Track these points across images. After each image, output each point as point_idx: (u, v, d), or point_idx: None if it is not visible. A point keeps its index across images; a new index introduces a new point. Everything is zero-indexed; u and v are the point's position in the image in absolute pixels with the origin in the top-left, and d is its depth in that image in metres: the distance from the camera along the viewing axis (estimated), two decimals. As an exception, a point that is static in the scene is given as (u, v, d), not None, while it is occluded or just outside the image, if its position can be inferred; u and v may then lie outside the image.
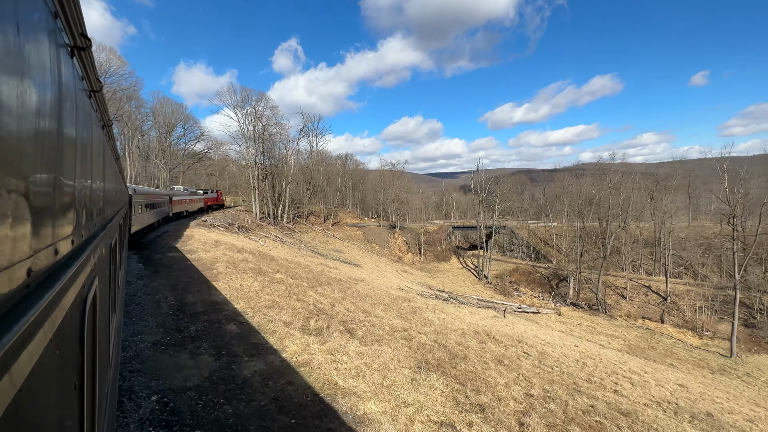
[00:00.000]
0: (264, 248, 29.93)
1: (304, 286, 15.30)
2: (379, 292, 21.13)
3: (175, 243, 18.95)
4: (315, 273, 20.47)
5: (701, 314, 35.43)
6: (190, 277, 12.32)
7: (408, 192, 76.74)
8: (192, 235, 23.19)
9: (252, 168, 45.22)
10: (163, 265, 13.68)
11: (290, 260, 23.92)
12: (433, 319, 16.10)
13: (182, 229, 26.29)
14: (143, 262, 14.26)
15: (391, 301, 18.42)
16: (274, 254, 26.51)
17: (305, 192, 60.69)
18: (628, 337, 28.60)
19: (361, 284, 22.21)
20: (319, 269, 24.28)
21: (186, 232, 24.69)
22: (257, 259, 19.05)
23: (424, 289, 33.67)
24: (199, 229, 29.39)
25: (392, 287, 27.10)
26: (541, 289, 47.25)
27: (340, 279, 21.62)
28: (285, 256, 26.83)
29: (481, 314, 23.01)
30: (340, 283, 19.86)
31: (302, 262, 26.14)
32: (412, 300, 20.25)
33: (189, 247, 18.19)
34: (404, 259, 58.10)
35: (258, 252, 22.70)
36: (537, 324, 26.05)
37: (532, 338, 17.90)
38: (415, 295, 25.08)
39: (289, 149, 53.57)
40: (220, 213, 45.62)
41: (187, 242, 20.00)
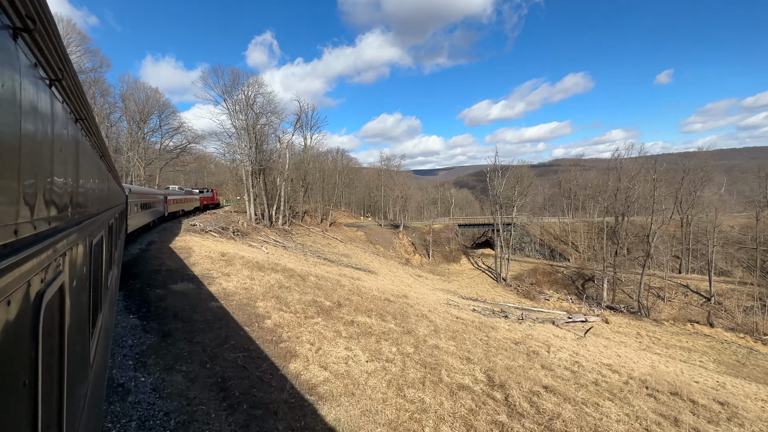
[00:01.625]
0: (274, 257, 24.57)
1: (397, 333, 10.28)
2: (443, 317, 16.30)
3: (173, 261, 13.40)
4: (368, 297, 15.44)
5: (752, 315, 32.62)
6: (238, 348, 6.92)
7: (409, 189, 72.05)
8: (189, 246, 17.54)
9: (245, 163, 39.16)
10: (174, 316, 8.11)
11: (319, 275, 18.71)
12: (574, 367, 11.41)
13: (171, 237, 20.50)
14: (136, 307, 8.63)
15: (478, 331, 13.63)
16: (293, 267, 21.26)
17: (300, 190, 54.93)
18: (703, 349, 25.09)
19: (418, 306, 17.33)
20: (351, 285, 19.23)
21: (179, 241, 19.01)
22: (292, 281, 13.88)
23: (460, 300, 29.10)
24: (192, 236, 23.60)
25: (439, 302, 22.31)
26: (566, 290, 43.74)
27: (393, 301, 16.66)
28: (306, 269, 21.59)
29: (566, 336, 18.58)
30: (407, 316, 14.93)
31: (330, 275, 20.97)
32: (492, 326, 15.50)
33: (197, 270, 12.69)
34: (412, 261, 53.45)
35: (279, 267, 17.37)
36: (610, 341, 21.94)
37: (657, 376, 13.58)
38: (477, 315, 20.38)
39: (283, 142, 47.63)
40: (208, 215, 39.38)
41: (188, 258, 14.46)
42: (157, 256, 13.83)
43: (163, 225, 27.41)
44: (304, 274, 17.51)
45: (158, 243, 17.65)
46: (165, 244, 17.28)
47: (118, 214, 6.99)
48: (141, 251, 15.12)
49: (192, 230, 27.47)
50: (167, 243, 17.81)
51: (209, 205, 47.20)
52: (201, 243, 21.11)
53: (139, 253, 14.73)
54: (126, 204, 11.55)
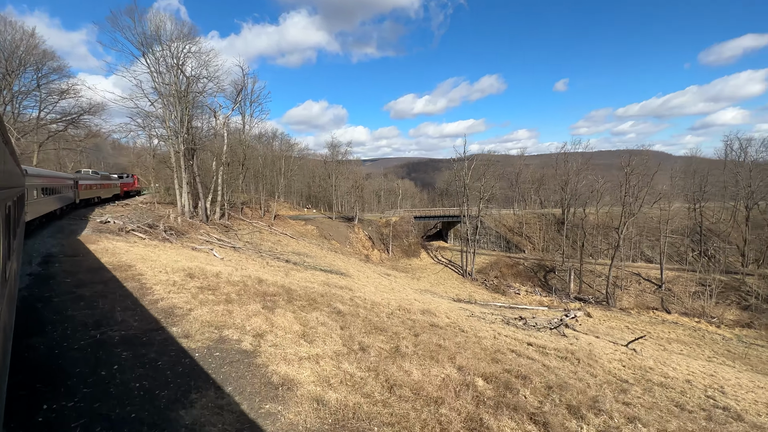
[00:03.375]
0: (234, 265, 18.21)
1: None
2: (517, 345, 12.37)
3: (123, 306, 6.85)
4: (408, 323, 10.78)
5: (697, 300, 35.53)
6: None
7: (365, 179, 66.75)
8: (122, 260, 10.68)
9: (173, 141, 30.08)
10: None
11: (312, 290, 13.39)
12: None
13: (83, 243, 13.02)
14: None
15: (590, 377, 9.92)
16: (276, 279, 15.52)
17: (238, 178, 46.25)
18: (688, 340, 25.59)
19: (470, 331, 13.15)
20: (364, 304, 14.30)
21: (100, 251, 11.87)
22: (334, 316, 8.52)
23: (463, 306, 25.72)
24: (112, 239, 16.04)
25: (461, 315, 18.34)
26: (531, 282, 43.80)
27: (431, 323, 12.20)
28: (287, 281, 15.93)
29: (617, 349, 16.07)
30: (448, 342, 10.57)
31: (324, 289, 15.66)
32: (574, 353, 12.01)
33: (198, 338, 6.36)
34: (371, 257, 49.01)
35: (278, 285, 11.65)
36: (663, 350, 20.48)
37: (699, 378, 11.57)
38: (516, 330, 16.85)
39: (219, 117, 38.70)
40: (121, 207, 29.67)
41: (142, 291, 7.91)
42: (76, 293, 7.13)
43: (77, 212, 24.04)
44: (289, 287, 12.01)
45: (67, 258, 10.40)
46: (79, 260, 10.18)
47: (15, 198, 5.49)
48: (38, 280, 8.06)
49: (108, 230, 19.21)
50: (81, 257, 10.67)
51: (131, 192, 40.50)
52: (133, 251, 13.90)
53: (33, 285, 7.69)
54: (25, 188, 9.78)
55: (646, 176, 43.28)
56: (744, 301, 34.33)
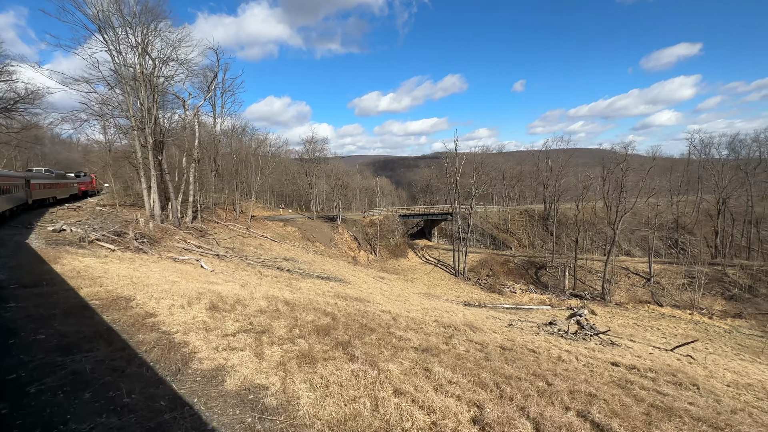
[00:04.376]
0: (234, 282, 15.19)
1: None
2: (552, 354, 10.54)
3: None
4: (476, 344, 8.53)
5: (685, 292, 36.49)
6: None
7: (350, 177, 63.41)
8: (80, 301, 7.44)
9: (139, 133, 25.60)
10: None
11: (344, 311, 10.95)
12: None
13: (42, 263, 9.54)
14: None
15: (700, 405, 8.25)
16: (283, 296, 12.78)
17: (209, 175, 41.70)
18: (697, 335, 25.57)
19: (541, 355, 11.21)
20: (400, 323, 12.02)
21: (69, 274, 8.44)
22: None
23: (488, 313, 23.91)
24: (66, 253, 12.50)
25: (483, 321, 16.38)
26: (524, 280, 43.32)
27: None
28: (302, 300, 13.32)
29: (683, 362, 14.83)
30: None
31: (340, 305, 13.19)
32: (659, 372, 10.40)
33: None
34: (359, 258, 46.33)
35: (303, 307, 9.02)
36: (727, 357, 19.68)
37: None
38: (556, 339, 15.14)
39: (189, 107, 34.13)
40: (74, 210, 24.87)
41: (179, 354, 4.99)
42: (65, 372, 4.14)
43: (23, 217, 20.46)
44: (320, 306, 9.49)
45: (26, 291, 7.06)
46: (45, 292, 6.92)
47: None
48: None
49: (66, 242, 15.30)
50: (47, 287, 7.38)
51: (88, 192, 36.76)
52: (112, 271, 10.57)
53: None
54: None
55: (633, 172, 44.06)
56: (728, 292, 35.68)
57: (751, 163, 50.00)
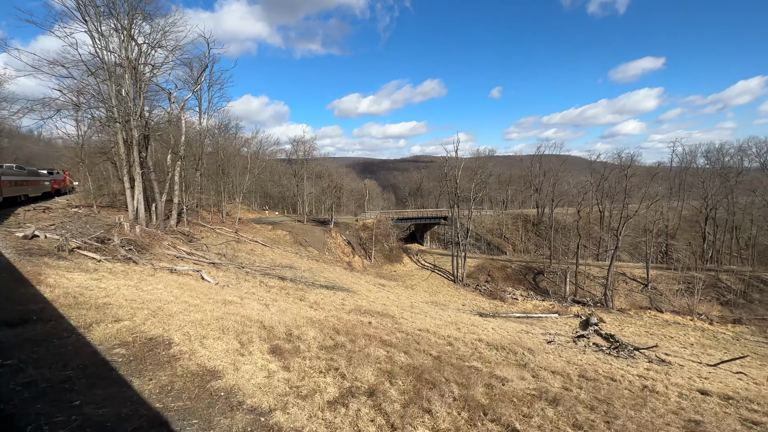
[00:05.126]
0: (249, 298, 13.23)
1: None
2: (632, 382, 9.33)
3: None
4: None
5: (682, 297, 36.85)
6: None
7: (342, 178, 61.04)
8: (97, 355, 5.36)
9: (123, 125, 22.76)
10: None
11: (397, 337, 9.35)
12: None
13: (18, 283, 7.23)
14: None
15: None
16: (309, 315, 11.08)
17: (194, 175, 38.68)
18: (711, 343, 25.36)
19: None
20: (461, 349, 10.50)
21: (33, 309, 6.19)
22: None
23: (481, 318, 22.58)
24: (46, 266, 10.17)
25: (519, 335, 15.03)
26: (523, 286, 42.71)
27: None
28: (330, 320, 11.61)
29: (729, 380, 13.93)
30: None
31: (376, 325, 11.52)
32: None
33: None
34: (354, 264, 44.36)
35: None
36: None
37: None
38: (593, 356, 13.93)
39: (175, 100, 31.18)
40: (43, 212, 21.72)
41: None
42: None
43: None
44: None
45: (13, 336, 4.88)
46: (41, 333, 4.78)
47: None
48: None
49: (41, 251, 12.80)
50: (40, 324, 5.21)
51: (61, 190, 33.61)
52: (113, 293, 8.40)
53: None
54: None
55: (628, 178, 44.35)
56: (723, 297, 36.29)
57: (732, 172, 51.89)
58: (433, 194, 72.89)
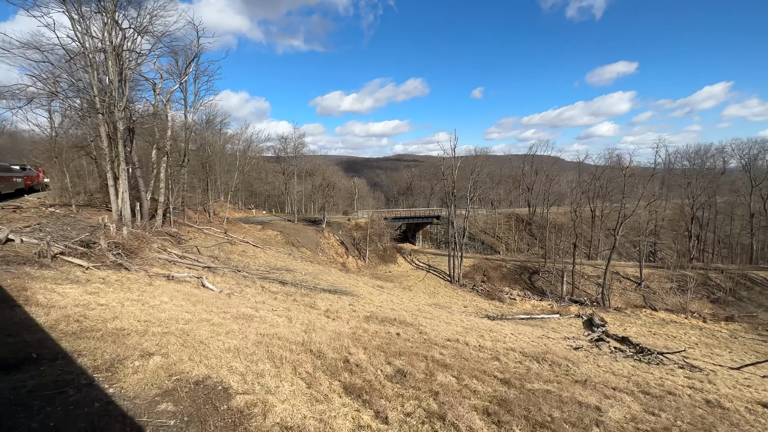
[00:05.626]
0: (265, 310, 11.98)
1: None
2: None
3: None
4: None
5: (675, 296, 37.52)
6: None
7: (333, 176, 59.25)
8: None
9: (107, 117, 20.70)
10: None
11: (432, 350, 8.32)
12: None
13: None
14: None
15: None
16: (340, 329, 9.99)
17: (181, 171, 36.43)
18: (711, 342, 25.59)
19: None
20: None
21: (30, 339, 4.79)
22: None
23: (490, 321, 21.90)
24: (29, 278, 8.56)
25: (541, 340, 14.32)
26: (519, 286, 42.56)
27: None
28: (375, 340, 10.60)
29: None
30: None
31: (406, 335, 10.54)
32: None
33: None
34: (348, 265, 43.07)
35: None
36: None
37: None
38: (629, 364, 13.37)
39: (160, 91, 29.00)
40: (12, 211, 19.50)
41: None
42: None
43: None
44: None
45: (14, 390, 3.49)
46: (54, 381, 3.43)
47: None
48: None
49: (19, 258, 11.13)
50: (48, 366, 3.83)
51: (34, 187, 31.34)
52: (116, 309, 6.98)
53: None
54: None
55: (626, 178, 44.84)
56: (713, 295, 37.13)
57: (714, 173, 53.56)
58: (423, 193, 72.33)
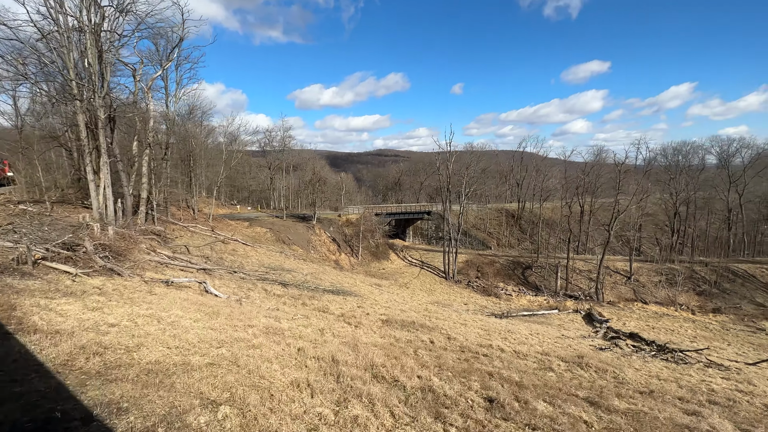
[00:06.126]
0: (286, 320, 10.89)
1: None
2: None
3: None
4: None
5: (663, 289, 38.53)
6: None
7: (323, 170, 57.29)
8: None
9: (85, 103, 18.58)
10: None
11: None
12: None
13: None
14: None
15: None
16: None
17: (164, 165, 34.05)
18: (707, 334, 26.15)
19: None
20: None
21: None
22: None
23: (498, 319, 21.44)
24: (13, 292, 6.99)
25: (564, 343, 13.86)
26: (513, 281, 42.64)
27: None
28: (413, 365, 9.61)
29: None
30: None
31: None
32: None
33: None
34: (341, 262, 41.85)
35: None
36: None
37: None
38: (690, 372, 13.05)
39: (140, 77, 26.66)
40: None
41: None
42: None
43: None
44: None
45: None
46: None
47: None
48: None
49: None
50: None
51: (1, 182, 29.34)
52: (136, 333, 5.69)
53: None
54: None
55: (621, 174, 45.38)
56: (698, 287, 38.36)
57: (694, 169, 55.52)
58: (412, 189, 71.65)
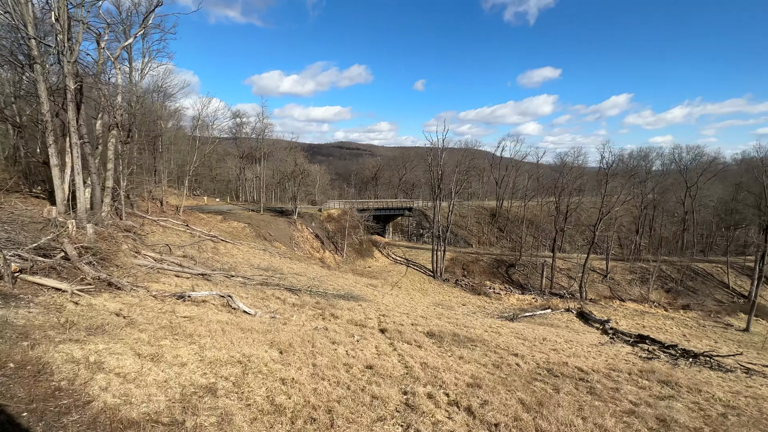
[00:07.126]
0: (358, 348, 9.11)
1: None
2: None
3: None
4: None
5: (635, 286, 40.82)
6: None
7: (306, 163, 53.62)
8: None
9: (46, 68, 14.96)
10: None
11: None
12: None
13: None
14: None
15: None
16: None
17: (132, 149, 29.70)
18: (688, 332, 27.70)
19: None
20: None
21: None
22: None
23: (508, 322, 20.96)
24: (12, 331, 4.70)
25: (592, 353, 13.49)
26: (498, 279, 43.00)
27: None
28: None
29: None
30: None
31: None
32: None
33: None
34: (326, 260, 39.61)
35: None
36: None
37: None
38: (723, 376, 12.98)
39: (105, 45, 22.55)
40: None
41: None
42: None
43: None
44: None
45: None
46: None
47: None
48: None
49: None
50: None
51: None
52: (183, 387, 3.82)
53: None
54: None
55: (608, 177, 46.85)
56: (666, 285, 41.08)
57: (651, 174, 59.81)
58: (390, 183, 70.35)
